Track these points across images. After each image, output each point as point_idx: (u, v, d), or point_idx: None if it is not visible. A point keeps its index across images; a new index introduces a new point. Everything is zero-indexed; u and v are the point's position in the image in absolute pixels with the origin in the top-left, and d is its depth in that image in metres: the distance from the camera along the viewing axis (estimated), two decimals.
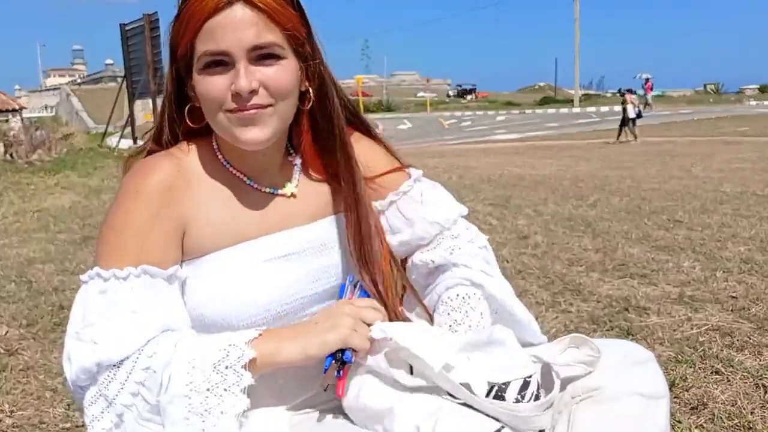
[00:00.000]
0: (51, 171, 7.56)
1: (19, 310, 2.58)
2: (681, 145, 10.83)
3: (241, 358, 0.71)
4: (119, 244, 0.78)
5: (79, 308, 0.77)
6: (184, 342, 0.73)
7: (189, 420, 0.69)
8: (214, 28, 0.76)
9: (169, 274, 0.78)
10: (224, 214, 0.84)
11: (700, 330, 2.18)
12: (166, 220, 0.79)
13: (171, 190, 0.80)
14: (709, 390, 1.74)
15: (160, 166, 0.82)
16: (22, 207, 5.29)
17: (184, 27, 0.78)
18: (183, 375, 0.70)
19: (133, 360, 0.73)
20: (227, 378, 0.70)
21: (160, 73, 11.80)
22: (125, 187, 0.81)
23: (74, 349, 0.75)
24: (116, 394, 0.72)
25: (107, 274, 0.76)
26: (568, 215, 4.24)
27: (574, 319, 2.34)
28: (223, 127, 0.81)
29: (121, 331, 0.73)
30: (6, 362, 2.07)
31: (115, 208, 0.80)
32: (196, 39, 0.77)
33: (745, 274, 2.78)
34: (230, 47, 0.76)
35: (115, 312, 0.74)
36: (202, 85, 0.79)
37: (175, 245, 0.80)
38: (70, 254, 3.52)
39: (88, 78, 73.25)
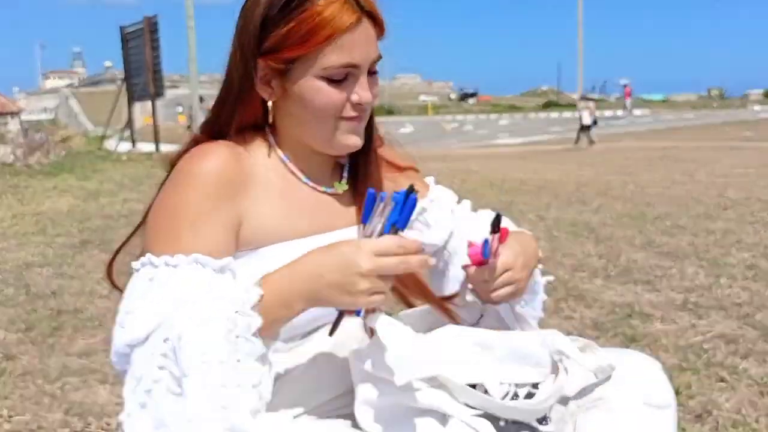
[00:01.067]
0: (49, 174, 7.56)
1: (17, 314, 2.56)
2: (685, 150, 10.82)
3: (250, 326, 0.69)
4: (173, 231, 0.77)
5: (127, 296, 0.77)
6: (195, 308, 0.71)
7: (207, 392, 0.68)
8: (349, 43, 0.78)
9: (221, 266, 0.76)
10: (279, 210, 0.84)
11: (705, 337, 2.17)
12: (224, 211, 0.79)
13: (231, 181, 0.79)
14: (713, 398, 1.73)
15: (221, 155, 0.80)
16: (20, 210, 5.27)
17: (308, 32, 0.77)
18: (195, 345, 0.69)
19: (157, 333, 0.71)
20: (239, 347, 0.69)
21: (159, 76, 11.82)
22: (184, 170, 0.80)
23: (114, 335, 0.75)
24: (143, 370, 0.71)
25: (158, 261, 0.75)
26: (571, 220, 4.22)
27: (577, 326, 2.33)
28: (326, 134, 0.83)
29: (149, 310, 0.73)
30: (4, 367, 2.05)
31: (171, 192, 0.79)
32: (323, 48, 0.77)
33: (749, 281, 2.77)
34: (361, 61, 0.80)
35: (156, 297, 0.74)
36: (321, 92, 0.80)
37: (231, 237, 0.80)
38: (69, 258, 3.50)
39: (87, 80, 73.54)
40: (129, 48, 12.18)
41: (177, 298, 0.73)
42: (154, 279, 0.75)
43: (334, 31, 0.77)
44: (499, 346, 0.81)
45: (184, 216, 0.77)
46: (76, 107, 44.74)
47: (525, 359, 0.80)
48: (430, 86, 61.06)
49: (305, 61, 0.79)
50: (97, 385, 1.91)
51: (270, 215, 0.83)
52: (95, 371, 2.01)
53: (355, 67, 0.80)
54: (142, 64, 11.69)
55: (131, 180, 7.24)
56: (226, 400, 0.68)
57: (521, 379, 0.78)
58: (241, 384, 0.68)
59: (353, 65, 0.79)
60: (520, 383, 0.78)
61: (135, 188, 6.45)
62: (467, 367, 0.78)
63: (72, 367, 2.04)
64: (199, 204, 0.77)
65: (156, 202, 0.81)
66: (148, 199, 0.84)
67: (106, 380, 1.95)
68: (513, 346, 0.81)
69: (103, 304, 2.69)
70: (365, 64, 0.80)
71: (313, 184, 0.87)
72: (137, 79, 12.02)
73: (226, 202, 0.79)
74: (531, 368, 0.80)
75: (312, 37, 0.77)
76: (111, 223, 4.55)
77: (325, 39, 0.77)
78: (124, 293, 0.78)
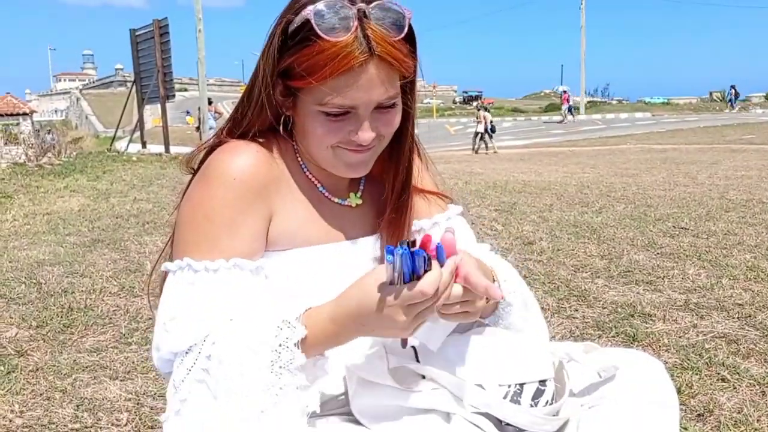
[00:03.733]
0: (60, 174, 7.62)
1: (28, 312, 2.60)
2: (686, 152, 10.79)
3: (292, 361, 0.70)
4: (212, 234, 0.76)
5: (167, 299, 0.77)
6: (240, 331, 0.72)
7: (248, 398, 0.69)
8: (348, 85, 0.74)
9: (256, 266, 0.78)
10: (297, 216, 0.84)
11: (706, 337, 2.18)
12: (258, 212, 0.79)
13: (263, 180, 0.79)
14: (715, 397, 1.74)
15: (253, 154, 0.79)
16: (32, 210, 5.33)
17: (309, 66, 0.74)
18: (238, 355, 0.70)
19: (200, 346, 0.73)
20: (281, 355, 0.70)
21: (169, 78, 11.90)
22: (217, 168, 0.78)
23: (159, 339, 0.76)
24: (182, 380, 0.73)
25: (199, 266, 0.75)
26: (574, 221, 4.23)
27: (579, 325, 2.35)
28: (327, 159, 0.81)
29: (194, 320, 0.74)
30: (16, 363, 2.09)
31: (205, 191, 0.78)
32: (322, 86, 0.75)
33: (751, 282, 2.77)
34: (359, 105, 0.76)
35: (198, 303, 0.75)
36: (319, 124, 0.78)
37: (263, 236, 0.80)
38: (79, 257, 3.55)
39: (98, 82, 73.78)
40: (139, 51, 12.26)
41: (221, 307, 0.74)
42: (195, 283, 0.75)
43: (332, 73, 0.73)
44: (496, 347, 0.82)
45: (220, 218, 0.76)
46: (87, 108, 44.99)
47: (523, 358, 0.81)
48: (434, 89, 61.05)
49: (307, 93, 0.77)
50: (107, 381, 1.94)
51: (292, 219, 0.83)
52: (105, 367, 2.05)
53: (353, 109, 0.77)
54: (152, 66, 11.77)
55: (141, 180, 7.29)
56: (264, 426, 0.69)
57: (522, 378, 0.79)
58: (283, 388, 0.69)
59: (350, 107, 0.76)
60: (522, 382, 0.79)
61: (145, 188, 6.50)
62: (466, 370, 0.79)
63: (83, 363, 2.08)
64: (235, 205, 0.77)
65: (188, 201, 0.80)
66: (158, 199, 0.86)
67: (116, 376, 1.98)
68: (510, 346, 0.82)
69: (113, 301, 2.73)
70: (365, 107, 0.76)
71: (328, 194, 0.87)
72: (147, 81, 12.10)
73: (259, 201, 0.79)
74: (532, 366, 0.80)
75: (311, 74, 0.74)
76: (121, 223, 4.59)
77: (323, 78, 0.73)
78: (163, 295, 0.78)
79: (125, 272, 3.19)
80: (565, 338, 2.23)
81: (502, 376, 0.79)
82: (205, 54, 14.50)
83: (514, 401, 0.77)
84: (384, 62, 0.75)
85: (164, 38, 11.58)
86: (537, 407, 0.78)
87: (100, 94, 53.55)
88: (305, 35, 0.74)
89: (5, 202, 5.73)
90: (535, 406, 0.78)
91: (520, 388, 0.79)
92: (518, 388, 0.79)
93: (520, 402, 0.78)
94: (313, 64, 0.74)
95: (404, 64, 0.77)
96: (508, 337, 0.85)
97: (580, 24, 35.49)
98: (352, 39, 0.73)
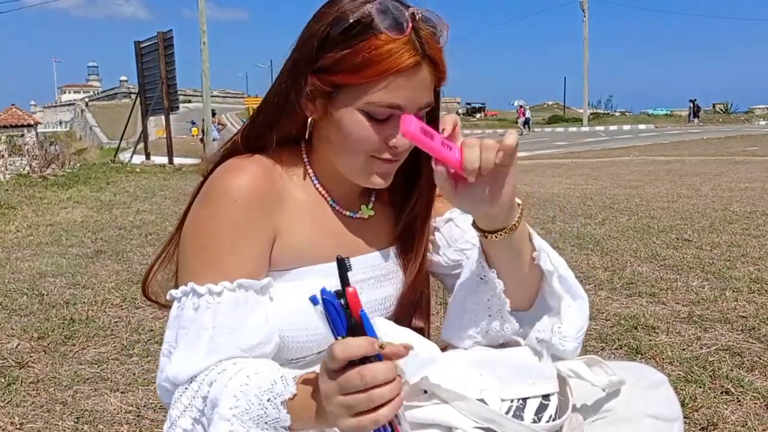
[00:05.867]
0: (64, 185, 7.65)
1: (30, 323, 2.60)
2: (690, 164, 10.78)
3: (278, 420, 0.68)
4: (215, 256, 0.75)
5: (172, 326, 0.77)
6: (233, 384, 0.70)
7: None
8: (400, 85, 0.74)
9: (262, 286, 0.76)
10: (306, 233, 0.82)
11: (710, 350, 2.17)
12: (262, 231, 0.77)
13: (265, 198, 0.78)
14: (719, 410, 1.72)
15: (255, 172, 0.78)
16: (35, 221, 5.35)
17: (361, 63, 0.73)
18: (225, 423, 0.69)
19: (199, 383, 0.72)
20: (268, 411, 0.68)
21: (173, 90, 11.99)
22: (218, 190, 0.77)
23: (162, 363, 0.76)
24: (178, 416, 0.72)
25: (202, 290, 0.74)
26: (577, 233, 4.23)
27: (582, 338, 2.33)
28: (356, 167, 0.80)
29: (195, 350, 0.73)
30: (17, 375, 2.08)
31: (207, 211, 0.77)
32: (373, 83, 0.74)
33: (754, 294, 2.76)
34: (407, 105, 0.76)
35: (200, 329, 0.73)
36: (359, 125, 0.77)
37: (267, 254, 0.79)
38: (82, 268, 3.55)
39: (102, 94, 74.40)
40: (144, 63, 12.37)
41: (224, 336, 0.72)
42: (199, 308, 0.74)
43: (388, 69, 0.73)
44: (497, 363, 0.81)
45: (222, 239, 0.75)
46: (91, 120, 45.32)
47: (526, 373, 0.80)
48: None
49: (352, 91, 0.76)
50: (108, 393, 1.94)
51: (299, 236, 0.81)
52: (106, 379, 2.04)
53: (400, 109, 0.76)
54: (156, 78, 11.87)
55: (144, 192, 7.32)
56: None
57: (525, 393, 0.78)
58: None
59: (398, 107, 0.76)
60: (524, 397, 0.78)
61: (148, 200, 6.52)
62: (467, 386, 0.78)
63: (83, 375, 2.08)
64: (237, 226, 0.75)
65: (191, 223, 0.79)
66: (161, 210, 0.85)
67: (117, 388, 1.98)
68: (511, 362, 0.81)
69: (114, 313, 2.73)
70: (411, 109, 0.76)
71: (339, 208, 0.86)
72: (151, 93, 12.19)
73: (262, 221, 0.77)
74: (534, 381, 0.80)
75: (364, 69, 0.73)
76: (124, 234, 4.60)
77: (377, 74, 0.73)
78: (168, 321, 0.77)
79: (127, 284, 3.19)
80: None
81: (505, 391, 0.78)
82: (209, 66, 14.63)
83: (516, 416, 0.77)
84: (431, 66, 0.76)
85: (169, 50, 11.69)
86: (540, 422, 0.77)
87: (105, 106, 53.95)
88: (361, 30, 0.74)
89: (9, 213, 5.75)
90: (538, 421, 0.77)
91: (523, 403, 0.78)
92: (521, 403, 0.78)
93: (523, 417, 0.77)
94: (368, 60, 0.73)
95: (445, 70, 0.79)
96: (511, 352, 0.85)
97: (583, 36, 35.68)
98: (408, 38, 0.74)
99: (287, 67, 0.80)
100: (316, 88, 0.77)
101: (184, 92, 53.99)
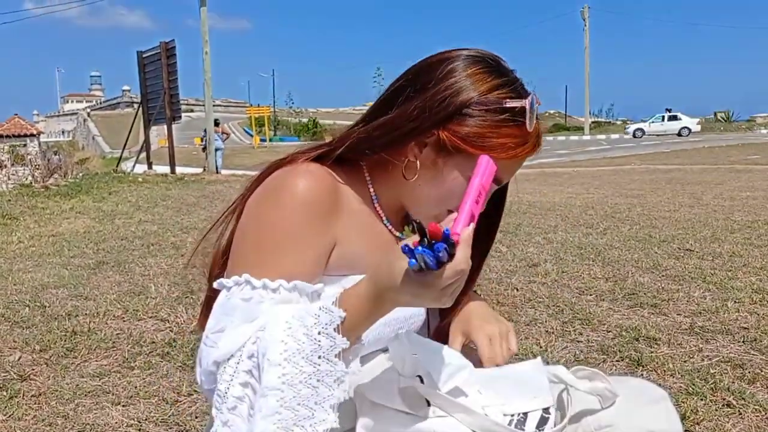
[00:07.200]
0: (66, 195, 7.68)
1: (32, 335, 2.60)
2: (691, 173, 10.79)
3: (334, 347, 0.68)
4: (276, 253, 0.75)
5: (215, 313, 0.75)
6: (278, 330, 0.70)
7: (280, 414, 0.66)
8: (510, 167, 0.83)
9: (314, 290, 0.76)
10: (359, 244, 0.84)
11: (711, 361, 2.16)
12: (324, 236, 0.79)
13: (331, 207, 0.80)
14: (720, 423, 1.72)
15: (324, 180, 0.80)
16: (38, 231, 5.37)
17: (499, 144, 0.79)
18: (275, 368, 0.67)
19: (241, 349, 0.70)
20: (320, 368, 0.68)
21: (175, 99, 12.05)
22: (288, 190, 0.78)
23: (204, 354, 0.74)
24: (227, 387, 0.70)
25: (258, 283, 0.73)
26: (578, 243, 4.23)
27: (583, 349, 2.33)
28: (428, 210, 0.84)
29: (239, 328, 0.72)
30: (18, 388, 2.08)
31: (276, 210, 0.77)
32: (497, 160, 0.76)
33: (756, 305, 2.75)
34: (506, 181, 0.86)
35: (249, 317, 0.72)
36: (458, 183, 0.81)
37: (324, 260, 0.80)
38: (84, 279, 3.56)
39: (105, 103, 74.69)
40: (146, 72, 12.44)
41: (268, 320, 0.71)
42: (251, 300, 0.73)
43: (515, 156, 0.81)
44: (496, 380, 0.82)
45: (286, 238, 0.75)
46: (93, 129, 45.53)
47: (526, 389, 0.81)
48: None
49: (472, 158, 0.77)
50: (110, 407, 1.94)
51: (356, 245, 0.83)
52: (108, 392, 2.04)
53: (499, 184, 0.85)
54: (159, 88, 11.94)
55: (146, 201, 7.34)
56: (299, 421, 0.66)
57: (526, 407, 0.79)
58: (318, 404, 0.67)
59: (500, 183, 0.85)
60: (526, 411, 0.79)
61: (150, 210, 6.54)
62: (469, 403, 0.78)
63: (85, 388, 2.07)
64: (302, 227, 0.76)
65: (254, 213, 0.79)
66: (163, 221, 0.85)
67: (118, 402, 1.98)
68: (511, 378, 0.82)
69: (116, 325, 2.74)
70: (507, 180, 0.86)
71: (390, 227, 0.89)
72: (154, 102, 12.26)
73: (325, 227, 0.79)
74: (535, 395, 0.80)
75: (501, 151, 0.80)
76: (126, 245, 4.61)
77: (505, 157, 0.80)
78: (213, 310, 0.75)
79: (129, 295, 3.19)
80: (569, 362, 2.21)
81: (506, 406, 0.79)
82: (211, 75, 14.69)
83: (519, 429, 0.77)
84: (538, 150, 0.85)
85: (171, 60, 11.77)
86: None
87: (107, 115, 54.20)
88: (510, 116, 0.80)
89: (11, 224, 5.77)
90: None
91: (524, 417, 0.79)
92: (522, 417, 0.79)
93: (525, 430, 0.77)
94: (504, 144, 0.80)
95: None
96: (510, 369, 0.86)
97: (584, 45, 35.83)
98: (535, 133, 0.82)
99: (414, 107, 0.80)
100: (439, 142, 0.80)
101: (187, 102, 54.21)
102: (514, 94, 0.80)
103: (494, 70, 0.81)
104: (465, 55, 0.82)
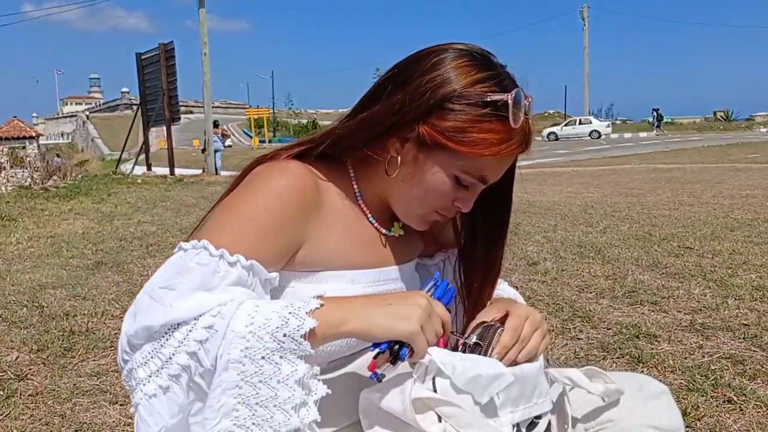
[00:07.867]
0: (65, 197, 7.68)
1: (29, 335, 2.59)
2: (691, 171, 10.78)
3: (301, 328, 0.67)
4: (241, 230, 0.74)
5: (166, 269, 0.72)
6: (246, 305, 0.69)
7: (241, 389, 0.66)
8: (496, 165, 0.80)
9: (267, 278, 0.75)
10: (342, 239, 0.84)
11: (712, 358, 2.15)
12: (291, 233, 0.78)
13: (307, 202, 0.79)
14: (721, 419, 1.71)
15: (303, 175, 0.79)
16: (36, 232, 5.36)
17: (482, 140, 0.77)
18: (239, 340, 0.66)
19: (197, 318, 0.68)
20: (284, 345, 0.66)
21: (174, 101, 12.06)
22: (265, 179, 0.78)
23: (145, 306, 0.70)
24: (173, 353, 0.67)
25: (216, 252, 0.71)
26: (578, 241, 4.22)
27: (584, 347, 2.32)
28: (414, 213, 0.85)
29: (196, 298, 0.70)
30: (15, 387, 2.08)
31: (248, 198, 0.77)
32: (479, 158, 0.77)
33: (756, 302, 2.75)
34: (492, 181, 0.83)
35: (203, 282, 0.70)
36: (443, 186, 0.80)
37: (285, 257, 0.78)
38: (82, 280, 3.55)
39: (104, 105, 74.69)
40: (145, 74, 12.46)
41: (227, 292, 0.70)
42: (207, 266, 0.71)
43: (499, 152, 0.77)
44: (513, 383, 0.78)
45: (255, 220, 0.75)
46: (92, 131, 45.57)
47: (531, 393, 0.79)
48: None
49: (453, 154, 0.77)
50: (107, 406, 1.93)
51: (333, 242, 0.83)
52: (106, 392, 2.04)
53: (485, 181, 0.82)
54: (158, 89, 11.95)
55: (145, 203, 7.34)
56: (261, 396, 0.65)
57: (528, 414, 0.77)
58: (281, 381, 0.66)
59: (485, 181, 0.81)
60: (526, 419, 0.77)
61: (149, 211, 6.53)
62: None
63: (83, 387, 2.07)
64: (274, 218, 0.75)
65: (226, 200, 0.79)
66: (162, 222, 0.85)
67: (116, 401, 1.97)
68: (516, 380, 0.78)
69: (114, 324, 2.73)
70: (493, 179, 0.82)
71: (377, 224, 0.89)
72: (153, 104, 12.27)
73: (296, 225, 0.78)
74: (536, 401, 0.79)
75: (479, 145, 0.76)
76: (125, 245, 4.61)
77: (488, 154, 0.77)
78: (161, 267, 0.73)
79: (127, 295, 3.18)
80: (569, 360, 2.20)
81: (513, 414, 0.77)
82: (210, 77, 14.70)
83: None
84: (527, 149, 0.82)
85: (170, 62, 11.78)
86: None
87: (107, 117, 54.25)
88: (492, 111, 0.76)
89: (10, 225, 5.77)
90: None
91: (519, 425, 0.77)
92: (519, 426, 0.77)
93: None
94: (486, 140, 0.76)
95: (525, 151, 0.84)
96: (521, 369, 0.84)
97: (583, 45, 35.86)
98: (522, 128, 0.78)
99: (395, 101, 0.78)
100: (419, 137, 0.78)
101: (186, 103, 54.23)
102: (498, 87, 0.77)
103: (480, 64, 0.79)
104: (454, 48, 0.80)
